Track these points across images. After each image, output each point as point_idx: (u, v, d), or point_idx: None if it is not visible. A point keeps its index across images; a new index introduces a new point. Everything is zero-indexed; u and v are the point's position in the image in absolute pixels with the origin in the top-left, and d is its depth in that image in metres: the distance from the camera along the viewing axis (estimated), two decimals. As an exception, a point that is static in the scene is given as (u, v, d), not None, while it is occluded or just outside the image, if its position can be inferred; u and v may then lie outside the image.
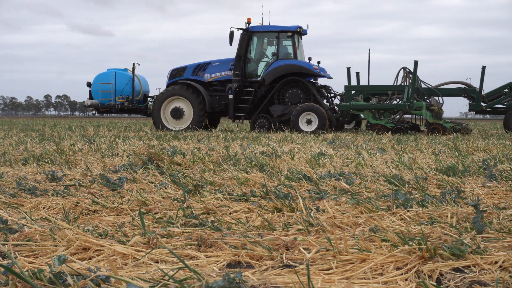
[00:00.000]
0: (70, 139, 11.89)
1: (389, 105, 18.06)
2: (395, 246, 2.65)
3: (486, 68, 18.94)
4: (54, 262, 2.31)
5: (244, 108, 19.25)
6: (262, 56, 19.70)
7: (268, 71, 19.04)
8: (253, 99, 19.20)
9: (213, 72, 19.79)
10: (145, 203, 3.97)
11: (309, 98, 19.04)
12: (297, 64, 19.04)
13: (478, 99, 18.67)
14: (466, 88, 19.06)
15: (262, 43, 19.67)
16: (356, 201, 3.82)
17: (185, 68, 20.06)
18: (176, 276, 2.28)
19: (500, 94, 18.82)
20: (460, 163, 6.24)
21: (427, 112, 17.60)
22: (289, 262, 2.55)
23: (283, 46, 19.45)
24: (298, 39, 19.63)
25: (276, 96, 19.17)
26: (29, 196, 4.29)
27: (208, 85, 19.77)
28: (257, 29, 19.44)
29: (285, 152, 7.95)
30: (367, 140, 12.04)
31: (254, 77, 19.48)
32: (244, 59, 19.32)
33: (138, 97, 21.15)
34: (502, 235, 2.97)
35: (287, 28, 19.32)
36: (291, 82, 19.16)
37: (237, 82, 19.19)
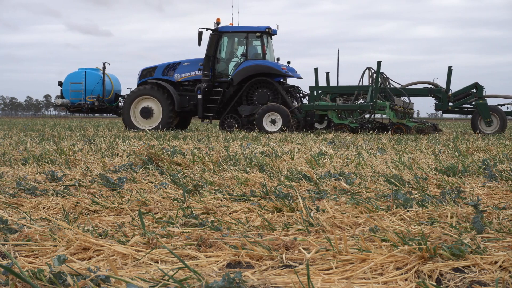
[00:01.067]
0: (70, 139, 11.89)
1: (352, 105, 18.21)
2: (395, 246, 2.65)
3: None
4: (54, 262, 2.31)
5: (213, 108, 19.42)
6: (232, 56, 19.88)
7: (237, 71, 19.22)
8: (221, 99, 19.39)
9: (183, 72, 19.97)
10: (145, 203, 3.97)
11: (277, 98, 19.20)
12: (265, 64, 19.22)
13: (444, 99, 18.90)
14: (433, 88, 19.33)
15: (231, 43, 19.85)
16: (356, 201, 3.82)
17: (155, 68, 20.22)
18: (176, 276, 2.28)
19: (466, 94, 19.01)
20: (460, 163, 6.24)
21: (390, 112, 17.77)
22: (289, 262, 2.55)
23: (253, 46, 19.66)
24: (267, 39, 19.81)
25: (244, 96, 19.37)
26: (29, 196, 4.29)
27: (178, 85, 19.95)
28: (226, 29, 19.62)
29: (285, 152, 7.95)
30: (367, 140, 12.04)
31: (223, 77, 19.64)
32: (213, 59, 19.49)
33: (108, 97, 21.26)
34: (502, 235, 2.97)
35: (255, 28, 19.51)
36: (259, 82, 19.35)
37: (206, 82, 19.36)
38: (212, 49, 19.36)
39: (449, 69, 19.25)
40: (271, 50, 20.08)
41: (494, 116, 18.32)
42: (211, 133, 15.88)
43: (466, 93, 19.02)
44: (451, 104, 18.95)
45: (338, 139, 12.56)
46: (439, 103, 19.07)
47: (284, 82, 19.98)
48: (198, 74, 19.70)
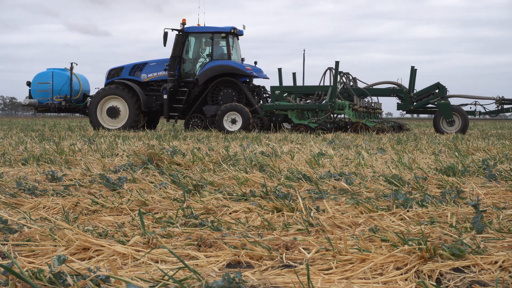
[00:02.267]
0: (69, 139, 11.89)
1: (310, 105, 18.33)
2: (395, 246, 2.65)
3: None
4: (54, 262, 2.31)
5: (178, 108, 19.58)
6: (197, 56, 20.06)
7: (202, 72, 19.42)
8: (187, 99, 19.57)
9: (149, 72, 20.14)
10: (145, 203, 3.97)
11: (242, 98, 19.36)
12: (229, 64, 19.37)
13: (406, 99, 19.13)
14: (396, 88, 19.57)
15: (197, 43, 20.04)
16: (356, 201, 3.81)
17: (123, 68, 20.40)
18: (176, 276, 2.28)
19: (427, 94, 19.22)
20: (460, 163, 6.24)
21: (350, 112, 17.87)
22: (289, 262, 2.54)
23: (219, 46, 19.82)
24: (233, 40, 19.98)
25: (209, 96, 19.53)
26: (28, 196, 4.29)
27: (145, 85, 20.12)
28: (191, 30, 19.80)
29: (285, 152, 7.95)
30: (367, 140, 12.04)
31: (189, 77, 19.82)
32: (179, 59, 19.67)
33: (76, 97, 21.33)
34: (502, 235, 2.97)
35: (221, 29, 19.69)
36: (224, 82, 19.51)
37: (172, 82, 19.54)
38: (177, 50, 19.59)
39: (412, 69, 19.57)
40: (238, 50, 20.31)
41: (456, 116, 18.50)
42: (211, 133, 15.89)
43: (428, 93, 19.28)
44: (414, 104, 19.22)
45: (338, 139, 12.56)
46: (401, 103, 19.37)
47: (250, 82, 20.17)
48: (164, 74, 19.89)
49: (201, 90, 19.55)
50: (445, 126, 18.44)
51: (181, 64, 19.74)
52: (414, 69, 19.58)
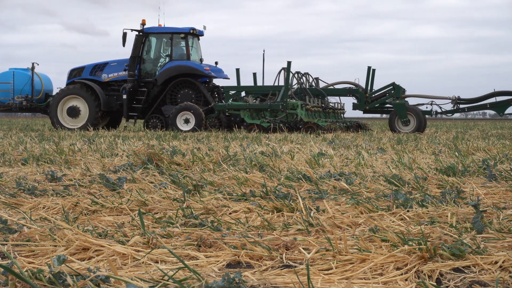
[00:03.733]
0: (69, 139, 11.89)
1: (262, 104, 18.46)
2: (395, 246, 2.65)
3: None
4: (53, 262, 2.31)
5: (138, 108, 19.76)
6: (157, 57, 20.25)
7: (161, 72, 19.65)
8: (146, 99, 19.78)
9: (110, 72, 20.36)
10: (144, 203, 3.96)
11: (200, 98, 19.55)
12: (188, 65, 19.61)
13: (361, 99, 19.38)
14: (352, 88, 19.80)
15: (156, 44, 20.25)
16: (356, 201, 3.81)
17: (83, 68, 20.60)
18: (176, 276, 2.27)
19: (383, 94, 19.48)
20: (460, 163, 6.24)
21: (302, 111, 17.99)
22: (289, 262, 2.54)
23: (179, 47, 20.06)
24: (192, 40, 20.22)
25: (168, 96, 19.76)
26: (28, 196, 4.29)
27: (106, 85, 20.31)
28: (151, 30, 20.03)
29: (284, 152, 7.95)
30: (367, 140, 12.04)
31: (148, 78, 20.03)
32: (139, 59, 19.89)
33: (38, 96, 21.45)
34: (502, 235, 2.96)
35: (180, 29, 19.92)
36: (183, 82, 19.75)
37: (131, 83, 19.77)
38: (137, 50, 19.83)
39: (368, 69, 19.80)
40: (198, 51, 20.56)
41: (411, 115, 18.64)
42: (211, 133, 15.89)
43: (383, 93, 19.52)
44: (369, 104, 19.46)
45: (338, 139, 12.56)
46: (357, 103, 19.62)
47: (210, 82, 20.35)
48: (125, 75, 20.09)
49: (160, 90, 19.84)
50: (400, 125, 18.62)
51: (141, 64, 20.03)
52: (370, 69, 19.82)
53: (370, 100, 19.44)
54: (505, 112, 18.66)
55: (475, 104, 18.92)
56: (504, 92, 18.63)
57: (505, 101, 18.52)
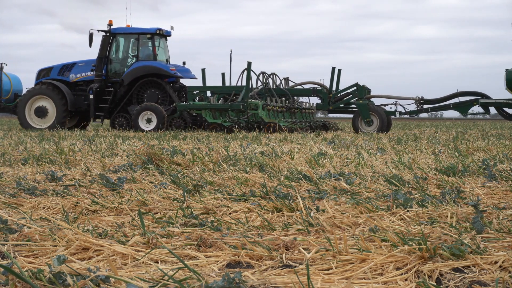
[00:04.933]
0: (69, 139, 11.89)
1: (223, 104, 18.62)
2: (394, 246, 2.65)
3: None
4: (53, 262, 2.31)
5: (104, 107, 19.98)
6: (124, 57, 20.49)
7: (127, 72, 19.94)
8: (112, 99, 20.03)
9: (78, 72, 20.60)
10: (144, 203, 3.97)
11: (166, 98, 19.78)
12: (154, 65, 19.87)
13: (325, 99, 19.66)
14: (316, 88, 20.07)
15: (123, 44, 20.49)
16: (356, 201, 3.81)
17: (52, 68, 20.84)
18: (176, 276, 2.28)
19: (346, 94, 19.73)
20: (460, 163, 6.24)
21: (263, 111, 18.14)
22: (289, 262, 2.54)
23: (145, 47, 20.31)
24: (159, 40, 20.47)
25: (134, 96, 20.01)
26: (28, 196, 4.29)
27: (74, 85, 20.53)
28: (118, 31, 20.28)
29: (284, 152, 7.95)
30: (367, 140, 12.04)
31: (115, 78, 20.27)
32: (106, 60, 20.12)
33: (7, 96, 21.58)
34: (502, 235, 2.97)
35: (146, 30, 20.19)
36: (149, 82, 20.02)
37: (98, 83, 20.00)
38: (104, 50, 20.06)
39: (333, 69, 20.05)
40: (165, 51, 20.81)
41: (374, 116, 18.79)
42: (210, 133, 15.89)
43: (347, 93, 19.76)
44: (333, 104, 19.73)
45: (337, 139, 12.56)
46: (321, 103, 19.91)
47: (177, 82, 20.58)
48: (92, 75, 20.29)
49: (126, 90, 20.07)
50: (363, 126, 18.77)
51: (108, 64, 20.25)
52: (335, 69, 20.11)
53: (333, 101, 19.73)
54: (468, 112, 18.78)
55: (438, 104, 19.13)
56: (467, 92, 18.80)
57: (468, 101, 18.67)
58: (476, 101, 18.37)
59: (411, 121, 51.43)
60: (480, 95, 18.47)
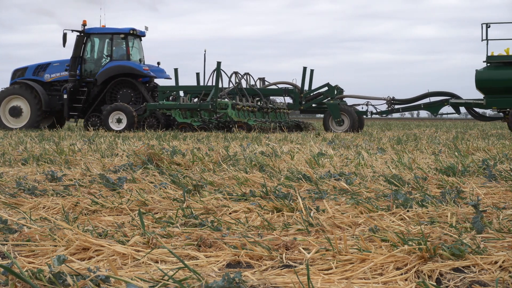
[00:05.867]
0: (69, 139, 11.89)
1: (192, 104, 18.77)
2: (394, 246, 2.65)
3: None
4: (53, 262, 2.31)
5: (78, 107, 20.15)
6: (98, 57, 20.67)
7: (101, 72, 20.11)
8: (86, 98, 20.21)
9: (52, 72, 20.74)
10: (144, 203, 3.96)
11: (140, 98, 19.99)
12: (127, 65, 20.08)
13: (296, 99, 19.92)
14: (288, 88, 20.34)
15: (97, 44, 20.66)
16: (356, 201, 3.81)
17: (27, 68, 20.97)
18: (176, 276, 2.27)
19: (317, 95, 19.99)
20: (460, 163, 6.24)
21: (232, 111, 18.30)
22: (289, 262, 2.54)
23: (119, 47, 20.52)
24: (133, 40, 20.68)
25: (108, 96, 20.18)
26: (28, 196, 4.29)
27: (49, 85, 20.66)
28: (92, 31, 20.45)
29: (284, 152, 7.95)
30: (367, 140, 12.04)
31: (89, 78, 20.44)
32: (80, 60, 20.28)
33: None
34: (502, 235, 2.97)
35: (119, 30, 20.38)
36: (123, 82, 20.22)
37: (72, 82, 20.15)
38: (78, 50, 20.22)
39: (304, 70, 20.25)
40: (139, 51, 21.01)
41: (345, 116, 18.96)
42: (211, 133, 15.89)
43: (317, 93, 19.99)
44: (304, 104, 19.96)
45: (338, 139, 12.56)
46: (292, 103, 20.14)
47: (151, 82, 20.76)
48: (67, 75, 20.43)
49: (100, 90, 20.22)
50: (334, 125, 18.95)
51: (82, 64, 20.39)
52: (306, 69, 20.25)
53: (305, 100, 19.93)
54: (439, 112, 18.89)
55: (409, 104, 19.30)
56: (438, 92, 18.94)
57: (439, 101, 18.80)
58: (446, 101, 18.56)
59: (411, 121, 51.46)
60: (450, 95, 18.64)
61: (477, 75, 17.22)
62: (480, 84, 17.27)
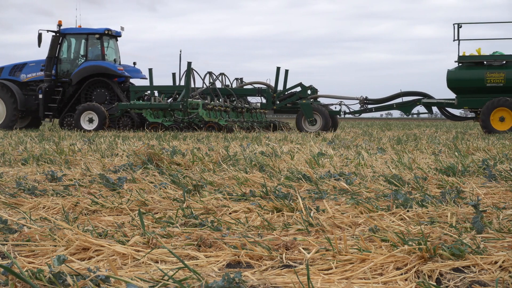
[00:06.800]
0: (69, 139, 11.89)
1: (163, 104, 18.87)
2: (394, 246, 2.65)
3: (288, 69, 20.67)
4: (53, 262, 2.31)
5: (53, 107, 20.25)
6: (73, 57, 20.83)
7: (75, 72, 20.29)
8: (61, 98, 20.32)
9: (29, 72, 20.90)
10: (144, 203, 3.96)
11: (115, 98, 20.15)
12: (101, 65, 20.24)
13: (269, 99, 20.05)
14: (262, 88, 20.47)
15: (72, 44, 20.83)
16: (356, 201, 3.81)
17: (3, 68, 21.12)
18: (176, 276, 2.27)
19: (290, 94, 20.13)
20: (460, 163, 6.24)
21: (203, 111, 18.39)
22: (289, 262, 2.54)
23: (95, 47, 20.66)
24: (108, 41, 20.85)
25: (83, 96, 20.33)
26: (28, 196, 4.29)
27: (25, 85, 20.79)
28: (67, 31, 20.61)
29: (284, 152, 7.95)
30: (367, 140, 12.04)
31: (65, 78, 20.57)
32: (55, 60, 20.41)
33: None
34: (502, 235, 2.97)
35: (94, 30, 20.58)
36: (98, 82, 20.36)
37: (48, 82, 20.26)
38: (53, 50, 20.33)
39: (277, 69, 20.40)
40: (115, 51, 21.19)
41: (317, 115, 19.08)
42: (210, 133, 15.89)
43: (291, 93, 20.13)
44: (277, 104, 20.11)
45: (338, 139, 12.56)
46: (264, 102, 20.32)
47: (126, 82, 20.90)
48: (43, 75, 20.54)
49: (75, 90, 20.36)
50: (307, 125, 19.05)
51: (57, 64, 20.51)
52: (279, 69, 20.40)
53: (278, 100, 20.07)
54: (411, 112, 18.97)
55: (382, 104, 19.39)
56: (410, 92, 19.01)
57: (411, 101, 18.86)
58: (419, 101, 18.63)
59: (411, 121, 51.47)
60: (423, 95, 18.71)
61: (448, 75, 17.36)
62: (451, 84, 17.40)
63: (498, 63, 17.28)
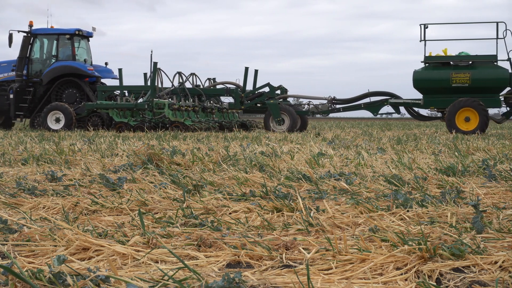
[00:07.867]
0: (69, 139, 11.89)
1: (129, 104, 18.96)
2: (394, 246, 2.65)
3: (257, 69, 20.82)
4: (53, 262, 2.31)
5: (24, 107, 20.45)
6: (44, 57, 21.00)
7: (46, 72, 20.47)
8: (32, 98, 20.52)
9: (0, 73, 21.14)
10: (144, 203, 3.96)
11: (85, 98, 20.37)
12: (72, 65, 20.44)
13: (237, 98, 20.18)
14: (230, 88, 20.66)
15: (43, 45, 21.03)
16: (356, 201, 3.81)
17: None
18: (176, 276, 2.27)
19: (258, 94, 20.26)
20: (460, 163, 6.24)
21: (169, 111, 18.55)
22: (289, 262, 2.54)
23: (66, 48, 20.87)
24: (79, 41, 21.08)
25: (53, 96, 20.50)
26: (28, 196, 4.29)
27: None
28: (38, 31, 20.80)
29: (284, 152, 7.95)
30: (367, 140, 12.04)
31: (36, 78, 20.76)
32: (26, 60, 20.61)
33: None
34: (502, 235, 2.97)
35: (65, 30, 20.80)
36: (68, 82, 20.55)
37: (19, 82, 20.50)
38: (24, 51, 20.56)
39: (246, 70, 20.56)
40: (87, 51, 21.40)
41: (285, 115, 19.17)
42: (210, 133, 15.89)
43: (259, 93, 20.26)
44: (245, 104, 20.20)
45: (338, 139, 12.56)
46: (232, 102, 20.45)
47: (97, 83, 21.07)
48: (14, 75, 20.73)
49: (46, 90, 20.52)
50: (274, 125, 19.14)
51: (29, 64, 20.68)
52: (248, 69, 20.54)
53: (246, 100, 20.19)
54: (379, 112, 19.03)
55: (350, 104, 19.44)
56: (378, 92, 19.07)
57: (379, 101, 18.91)
58: (386, 101, 18.68)
59: (411, 121, 51.47)
60: (390, 95, 18.77)
61: (414, 75, 17.43)
62: (417, 84, 17.46)
63: (464, 64, 17.32)
